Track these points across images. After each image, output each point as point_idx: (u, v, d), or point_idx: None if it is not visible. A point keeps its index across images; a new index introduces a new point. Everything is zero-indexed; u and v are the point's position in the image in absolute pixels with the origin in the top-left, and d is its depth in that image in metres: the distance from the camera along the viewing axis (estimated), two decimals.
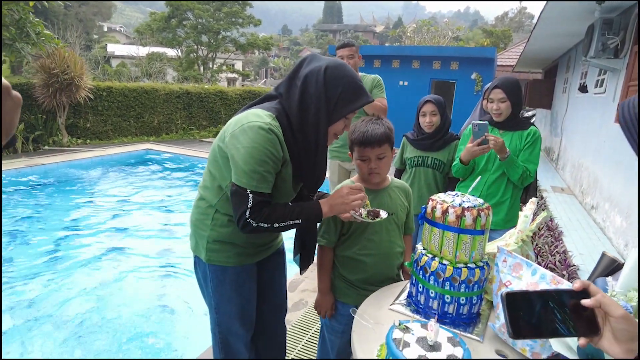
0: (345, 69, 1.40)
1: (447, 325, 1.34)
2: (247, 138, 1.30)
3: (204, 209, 1.51)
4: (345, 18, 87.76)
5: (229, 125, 1.40)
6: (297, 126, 1.38)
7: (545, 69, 13.71)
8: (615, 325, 0.67)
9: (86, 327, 2.88)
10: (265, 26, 36.48)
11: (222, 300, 1.55)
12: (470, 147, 2.27)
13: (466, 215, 1.34)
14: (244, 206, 1.31)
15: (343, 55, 3.01)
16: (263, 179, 1.32)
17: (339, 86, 1.36)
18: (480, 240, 1.36)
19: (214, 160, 1.45)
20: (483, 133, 2.21)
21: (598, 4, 4.66)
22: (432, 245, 1.42)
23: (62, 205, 5.61)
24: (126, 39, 41.22)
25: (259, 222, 1.33)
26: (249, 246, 1.55)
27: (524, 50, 9.67)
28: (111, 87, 9.73)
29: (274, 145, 1.32)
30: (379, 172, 1.62)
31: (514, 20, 54.26)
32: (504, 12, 57.07)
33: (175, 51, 20.98)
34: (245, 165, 1.30)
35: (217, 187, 1.46)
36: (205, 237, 1.49)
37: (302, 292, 3.07)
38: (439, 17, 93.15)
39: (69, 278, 3.59)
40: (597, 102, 5.93)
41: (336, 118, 1.40)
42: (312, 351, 2.38)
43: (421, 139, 2.73)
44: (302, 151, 1.41)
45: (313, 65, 1.39)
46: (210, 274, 1.52)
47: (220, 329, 1.60)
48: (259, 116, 1.34)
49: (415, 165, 2.77)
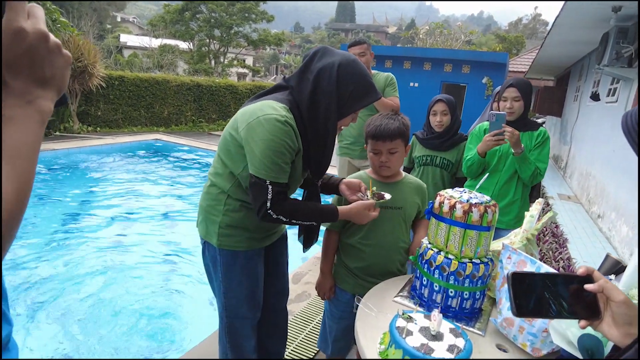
0: (357, 65, 1.43)
1: (449, 319, 1.37)
2: (264, 130, 1.34)
3: (216, 194, 1.54)
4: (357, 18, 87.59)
5: (243, 115, 1.42)
6: (307, 118, 1.42)
7: (557, 76, 13.63)
8: (616, 310, 0.70)
9: (92, 309, 2.93)
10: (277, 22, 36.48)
11: (231, 284, 1.59)
12: (486, 137, 2.28)
13: (473, 211, 1.36)
14: (263, 197, 1.36)
15: (355, 52, 3.03)
16: (281, 169, 1.37)
17: (351, 83, 1.40)
18: (486, 237, 1.39)
19: (225, 147, 1.49)
20: (501, 124, 2.22)
21: (614, 12, 4.64)
22: (438, 239, 1.44)
23: (70, 190, 5.68)
24: (139, 30, 41.44)
25: (279, 215, 1.39)
26: (259, 231, 1.59)
27: (536, 56, 9.63)
28: (123, 77, 9.82)
29: (290, 137, 1.37)
30: (389, 165, 1.66)
31: (527, 26, 53.91)
32: (518, 18, 56.74)
33: (187, 44, 21.08)
34: (263, 157, 1.34)
35: (229, 173, 1.49)
36: (217, 222, 1.53)
37: (305, 284, 3.10)
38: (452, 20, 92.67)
39: (76, 262, 3.65)
40: (609, 111, 5.90)
41: (346, 113, 1.45)
42: (313, 342, 2.41)
43: (430, 138, 2.74)
44: (312, 141, 1.46)
45: (326, 60, 1.41)
46: (220, 258, 1.56)
47: (228, 313, 1.63)
48: (274, 108, 1.37)
49: (423, 164, 2.78)
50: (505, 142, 2.27)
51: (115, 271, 3.54)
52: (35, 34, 0.51)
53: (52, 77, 0.55)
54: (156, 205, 5.47)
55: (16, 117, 0.51)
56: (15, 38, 0.49)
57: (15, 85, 0.51)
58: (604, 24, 5.22)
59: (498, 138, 2.24)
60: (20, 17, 0.50)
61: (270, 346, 1.89)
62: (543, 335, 1.17)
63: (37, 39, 0.52)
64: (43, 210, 4.82)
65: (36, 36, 0.51)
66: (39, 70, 0.53)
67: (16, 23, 0.49)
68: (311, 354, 2.32)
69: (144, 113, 10.41)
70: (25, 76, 0.52)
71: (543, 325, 1.17)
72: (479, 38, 42.48)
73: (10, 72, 0.50)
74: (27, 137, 0.52)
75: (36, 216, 4.62)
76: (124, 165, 7.37)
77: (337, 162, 3.44)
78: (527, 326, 1.21)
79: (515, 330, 1.24)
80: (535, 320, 1.19)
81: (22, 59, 0.51)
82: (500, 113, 2.23)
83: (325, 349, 1.90)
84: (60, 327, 2.72)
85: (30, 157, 0.52)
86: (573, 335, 0.99)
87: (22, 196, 0.51)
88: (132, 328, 2.78)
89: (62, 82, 0.57)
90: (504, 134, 2.23)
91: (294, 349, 2.36)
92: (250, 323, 1.68)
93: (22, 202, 0.51)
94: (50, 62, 0.54)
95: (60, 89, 0.57)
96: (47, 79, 0.54)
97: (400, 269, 1.77)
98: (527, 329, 1.21)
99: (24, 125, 0.51)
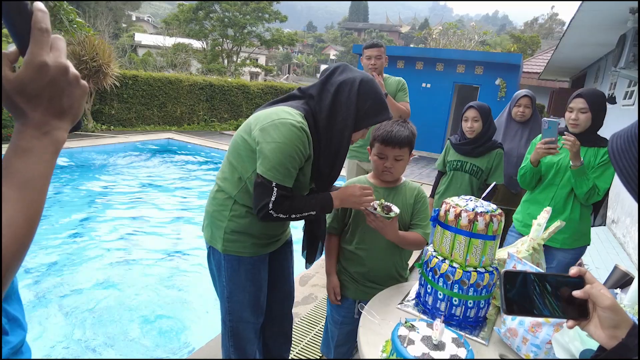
0: (375, 85, 1.52)
1: (453, 327, 1.36)
2: (279, 133, 1.37)
3: (222, 200, 1.56)
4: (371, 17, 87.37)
5: (257, 119, 1.46)
6: (323, 128, 1.47)
7: (572, 78, 13.41)
8: (602, 314, 0.71)
9: (99, 307, 2.98)
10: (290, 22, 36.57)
11: (235, 289, 1.60)
12: (538, 145, 2.18)
13: (479, 220, 1.35)
14: (267, 198, 1.38)
15: (371, 54, 3.02)
16: (289, 174, 1.40)
17: (369, 99, 1.48)
18: (491, 246, 1.38)
19: (236, 152, 1.50)
20: (554, 132, 2.10)
21: (632, 13, 4.55)
22: (443, 247, 1.44)
23: (83, 188, 5.78)
24: (153, 29, 41.94)
25: (279, 213, 1.41)
26: (264, 237, 1.60)
27: (551, 57, 9.49)
28: (137, 76, 9.94)
29: (303, 143, 1.40)
30: (392, 172, 1.67)
31: (543, 26, 53.07)
32: (533, 17, 55.93)
33: (200, 43, 21.25)
34: (274, 159, 1.36)
35: (237, 178, 1.51)
36: (222, 227, 1.55)
37: (312, 286, 3.11)
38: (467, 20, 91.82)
39: (85, 260, 3.71)
40: (625, 114, 5.79)
41: (360, 127, 1.51)
42: (318, 346, 2.41)
43: (462, 143, 2.79)
44: (324, 151, 1.49)
45: (347, 75, 1.50)
46: (225, 264, 1.57)
47: (232, 317, 1.65)
48: (290, 114, 1.42)
49: (454, 169, 2.83)
50: (557, 152, 2.16)
51: (123, 270, 3.59)
52: (57, 68, 0.53)
53: (69, 108, 0.57)
54: (167, 204, 5.53)
55: (32, 148, 0.53)
56: (38, 72, 0.52)
57: (34, 116, 0.53)
58: (621, 25, 5.13)
59: (549, 147, 2.12)
60: (44, 52, 0.52)
61: (274, 350, 1.90)
62: (547, 347, 1.16)
63: (59, 72, 0.54)
64: (55, 208, 4.91)
65: (58, 70, 0.53)
66: (57, 102, 0.55)
67: (40, 58, 0.51)
68: (316, 357, 2.33)
69: (157, 112, 10.52)
70: (44, 108, 0.54)
71: (547, 337, 1.16)
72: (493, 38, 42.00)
73: (30, 104, 0.52)
74: (40, 169, 0.53)
75: (47, 213, 4.71)
76: (137, 164, 7.47)
77: (346, 165, 3.45)
78: (530, 337, 1.20)
79: (519, 340, 1.23)
80: (539, 331, 1.18)
81: (43, 92, 0.53)
82: (553, 120, 2.11)
83: (327, 354, 1.91)
84: (66, 326, 2.77)
85: (42, 188, 0.54)
86: (576, 349, 0.98)
87: (32, 225, 0.53)
88: (137, 328, 2.82)
89: (79, 111, 0.59)
90: (557, 142, 2.12)
91: (299, 351, 2.37)
92: (253, 327, 1.69)
93: (32, 230, 0.53)
94: (69, 93, 0.56)
95: (76, 118, 0.59)
96: (65, 109, 0.56)
97: (401, 274, 1.77)
98: (530, 340, 1.20)
99: (39, 157, 0.53)
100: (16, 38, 0.53)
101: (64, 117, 0.56)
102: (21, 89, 0.51)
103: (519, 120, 3.10)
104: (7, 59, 0.52)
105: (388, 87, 3.16)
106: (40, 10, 0.52)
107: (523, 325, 1.22)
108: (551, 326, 1.16)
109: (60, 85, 0.54)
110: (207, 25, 20.43)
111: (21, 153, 0.52)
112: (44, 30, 0.52)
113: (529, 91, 3.13)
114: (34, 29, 0.51)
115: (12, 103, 0.52)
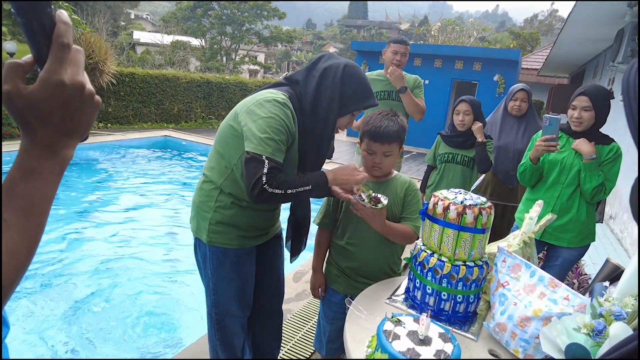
0: (360, 71, 1.52)
1: (442, 322, 1.34)
2: (264, 109, 1.38)
3: (208, 190, 1.54)
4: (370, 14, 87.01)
5: (243, 104, 1.47)
6: (308, 112, 1.47)
7: (571, 74, 13.37)
8: None
9: (93, 303, 2.96)
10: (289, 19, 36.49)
11: (221, 282, 1.58)
12: (537, 142, 2.15)
13: (467, 213, 1.33)
14: (259, 172, 1.31)
15: (398, 50, 2.95)
16: (278, 147, 1.37)
17: (354, 84, 1.49)
18: (480, 239, 1.35)
19: (223, 139, 1.50)
20: (555, 129, 2.06)
21: (629, 7, 4.52)
22: (431, 241, 1.41)
23: (80, 186, 5.75)
24: (152, 26, 41.77)
25: (274, 188, 1.32)
26: (251, 229, 1.58)
27: (549, 53, 9.45)
28: (134, 73, 9.89)
29: (288, 118, 1.41)
30: (381, 167, 1.63)
31: (543, 23, 52.96)
32: (533, 14, 55.83)
33: (199, 41, 21.21)
34: (261, 133, 1.35)
35: (224, 167, 1.50)
36: (207, 218, 1.53)
37: (306, 282, 3.08)
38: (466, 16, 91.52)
39: (82, 258, 3.69)
40: (623, 109, 5.76)
41: (345, 112, 1.51)
42: (310, 342, 2.39)
43: (453, 136, 2.85)
44: (309, 136, 1.48)
45: (332, 61, 1.51)
46: (210, 255, 1.55)
47: (218, 311, 1.63)
48: (273, 93, 1.44)
49: (445, 162, 2.87)
50: (557, 150, 2.13)
51: (118, 267, 3.57)
52: (73, 87, 0.50)
53: (79, 125, 0.53)
54: (163, 201, 5.51)
55: (40, 170, 0.50)
56: (54, 91, 0.49)
57: (44, 134, 0.50)
58: (619, 20, 5.10)
59: (549, 144, 2.09)
60: (63, 70, 0.49)
61: (264, 347, 1.88)
62: (535, 341, 1.14)
63: (75, 91, 0.51)
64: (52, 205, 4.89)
65: (74, 89, 0.50)
66: (69, 120, 0.52)
67: (58, 77, 0.48)
68: (307, 354, 2.31)
69: (154, 109, 10.48)
70: (55, 126, 0.50)
71: (535, 331, 1.13)
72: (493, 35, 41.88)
73: (41, 122, 0.49)
74: (46, 191, 0.50)
75: None
76: (134, 161, 7.44)
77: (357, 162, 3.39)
78: (519, 332, 1.18)
79: (508, 336, 1.21)
80: (528, 326, 1.16)
81: (57, 111, 0.50)
82: (555, 117, 2.06)
83: (320, 350, 1.89)
84: (61, 324, 2.76)
85: (45, 211, 0.51)
86: (563, 343, 0.95)
87: (34, 249, 0.50)
88: (131, 325, 2.80)
89: (88, 127, 0.56)
90: (557, 139, 2.09)
91: (290, 348, 2.35)
92: (240, 321, 1.67)
93: (33, 254, 0.50)
94: (83, 112, 0.53)
95: (85, 134, 0.56)
96: (75, 127, 0.53)
97: (393, 269, 1.75)
98: (519, 335, 1.18)
99: (46, 179, 0.50)
100: (34, 47, 0.49)
101: (74, 134, 0.53)
102: (34, 105, 0.48)
103: (515, 114, 3.07)
104: (22, 69, 0.49)
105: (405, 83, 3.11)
106: (64, 22, 0.48)
107: (512, 320, 1.20)
108: (540, 321, 1.14)
109: (74, 104, 0.51)
110: (206, 23, 20.39)
111: (27, 174, 0.49)
112: (65, 46, 0.48)
113: (526, 85, 3.10)
114: (54, 43, 0.48)
115: (22, 118, 0.49)
